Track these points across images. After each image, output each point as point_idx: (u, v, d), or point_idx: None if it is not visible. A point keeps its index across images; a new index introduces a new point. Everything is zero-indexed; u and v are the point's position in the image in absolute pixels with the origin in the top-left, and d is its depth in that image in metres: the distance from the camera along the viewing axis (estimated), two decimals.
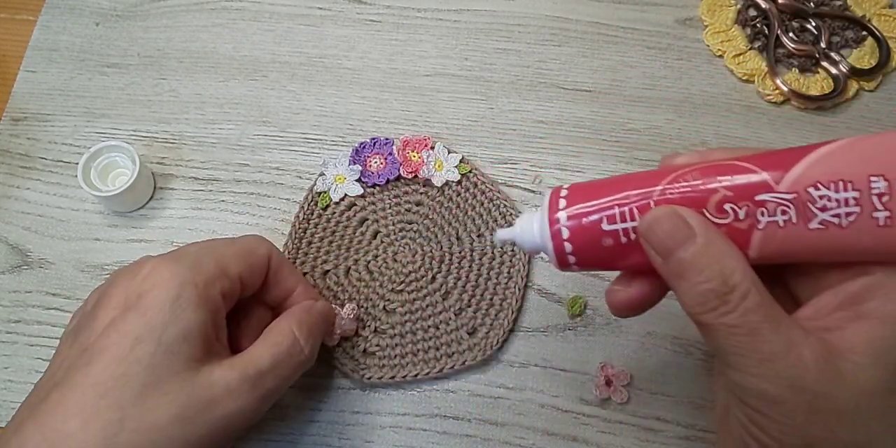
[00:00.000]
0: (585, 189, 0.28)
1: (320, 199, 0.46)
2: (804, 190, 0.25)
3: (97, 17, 0.52)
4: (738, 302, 0.25)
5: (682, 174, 0.27)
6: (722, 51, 0.50)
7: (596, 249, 0.28)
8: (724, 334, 0.25)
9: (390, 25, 0.51)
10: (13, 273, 0.45)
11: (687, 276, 0.26)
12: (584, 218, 0.28)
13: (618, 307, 0.30)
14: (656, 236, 0.26)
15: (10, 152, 0.48)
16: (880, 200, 0.24)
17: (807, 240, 0.25)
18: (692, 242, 0.25)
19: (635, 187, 0.27)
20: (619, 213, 0.27)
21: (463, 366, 0.41)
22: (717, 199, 0.26)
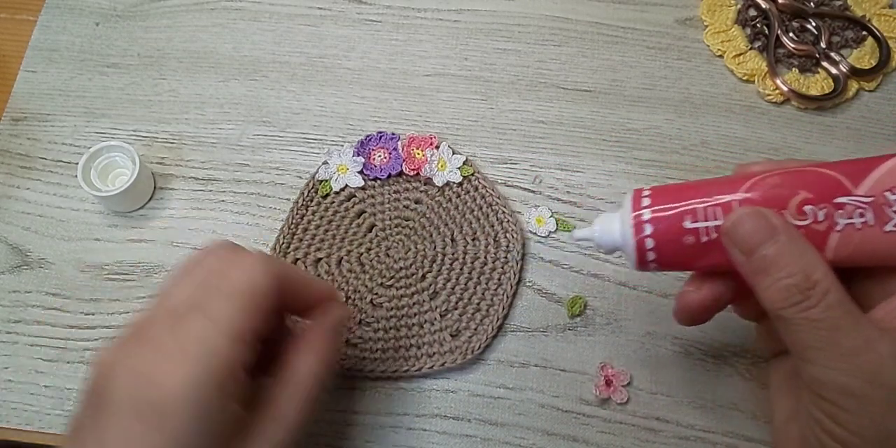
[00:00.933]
0: (666, 190, 0.30)
1: (321, 187, 0.46)
2: (881, 193, 0.26)
3: (97, 17, 0.52)
4: (820, 297, 0.26)
5: (764, 178, 0.28)
6: (722, 51, 0.50)
7: (677, 247, 0.29)
8: (805, 329, 0.26)
9: (390, 25, 0.51)
10: (13, 273, 0.45)
11: (770, 271, 0.27)
12: (668, 215, 0.29)
13: (689, 309, 0.31)
14: (741, 234, 0.27)
15: (10, 152, 0.48)
16: None
17: (882, 242, 0.27)
18: (775, 239, 0.27)
19: (717, 189, 0.29)
20: (703, 211, 0.29)
21: (443, 367, 0.41)
22: (797, 201, 0.28)
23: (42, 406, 0.42)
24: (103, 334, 0.43)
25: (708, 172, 0.47)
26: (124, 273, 0.45)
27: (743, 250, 0.28)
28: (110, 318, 0.44)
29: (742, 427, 0.41)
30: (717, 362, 0.42)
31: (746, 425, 0.41)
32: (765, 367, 0.42)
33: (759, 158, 0.47)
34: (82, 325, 0.43)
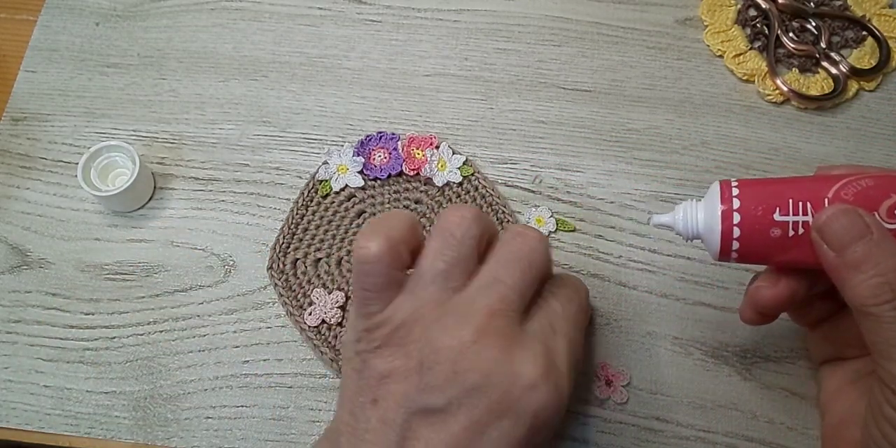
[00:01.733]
0: (755, 183, 0.31)
1: (321, 187, 0.46)
2: None
3: (97, 17, 0.52)
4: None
5: (857, 179, 0.29)
6: (722, 51, 0.50)
7: (763, 239, 0.30)
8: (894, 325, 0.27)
9: (390, 25, 0.51)
10: (13, 273, 0.45)
11: (862, 268, 0.28)
12: (758, 206, 0.30)
13: (762, 305, 0.32)
14: (833, 230, 0.28)
15: (10, 152, 0.48)
16: None
17: None
18: (869, 238, 0.28)
19: (808, 186, 0.30)
20: (794, 205, 0.29)
21: None
22: (889, 203, 0.29)
23: (42, 406, 0.42)
24: (103, 334, 0.43)
25: (708, 172, 0.47)
26: (124, 273, 0.45)
27: (834, 247, 0.28)
28: (110, 318, 0.44)
29: (742, 427, 0.41)
30: (717, 362, 0.42)
31: (746, 425, 0.41)
32: (764, 367, 0.42)
33: (758, 158, 0.47)
34: (82, 325, 0.43)
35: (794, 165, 0.47)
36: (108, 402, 0.42)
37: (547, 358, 0.30)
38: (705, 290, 0.44)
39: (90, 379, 0.42)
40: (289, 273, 0.44)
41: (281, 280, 0.44)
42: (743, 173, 0.47)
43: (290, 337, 0.43)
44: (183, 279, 0.45)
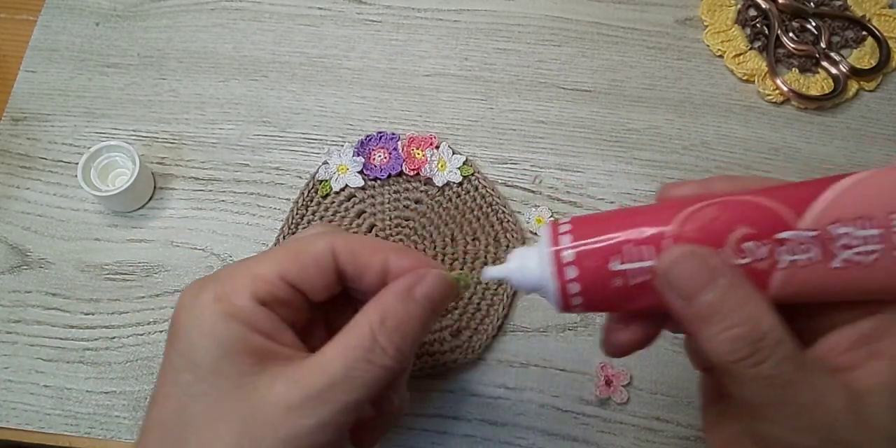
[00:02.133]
0: (589, 223, 0.27)
1: (321, 187, 0.46)
2: (825, 227, 0.24)
3: (97, 17, 0.52)
4: (770, 350, 0.23)
5: (699, 210, 0.25)
6: (722, 51, 0.50)
7: (605, 290, 0.26)
8: (756, 385, 0.24)
9: (390, 25, 0.51)
10: (13, 273, 0.45)
11: (712, 320, 0.24)
12: (593, 256, 0.26)
13: (619, 347, 0.29)
14: (677, 278, 0.25)
15: (10, 152, 0.48)
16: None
17: (829, 279, 0.24)
18: (716, 284, 0.24)
19: (646, 223, 0.26)
20: (633, 251, 0.25)
21: (443, 367, 0.42)
22: (736, 237, 0.25)
23: (42, 406, 0.42)
24: (103, 334, 0.43)
25: (708, 172, 0.47)
26: (124, 273, 0.45)
27: (681, 295, 0.25)
28: (110, 318, 0.44)
29: None
30: None
31: None
32: None
33: (758, 158, 0.47)
34: (82, 325, 0.43)
35: (794, 165, 0.47)
36: (108, 402, 0.42)
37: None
38: None
39: (90, 379, 0.42)
40: None
41: None
42: (743, 173, 0.47)
43: None
44: (183, 279, 0.45)
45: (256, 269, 0.29)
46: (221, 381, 0.27)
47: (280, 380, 0.27)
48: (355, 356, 0.27)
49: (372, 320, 0.28)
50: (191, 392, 0.27)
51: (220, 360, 0.27)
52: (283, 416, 0.26)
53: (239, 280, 0.29)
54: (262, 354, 0.28)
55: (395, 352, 0.28)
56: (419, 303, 0.29)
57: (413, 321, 0.29)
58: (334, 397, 0.27)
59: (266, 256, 0.30)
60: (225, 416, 0.27)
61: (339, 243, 0.30)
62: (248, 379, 0.27)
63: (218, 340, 0.27)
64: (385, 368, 0.28)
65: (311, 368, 0.27)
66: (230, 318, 0.28)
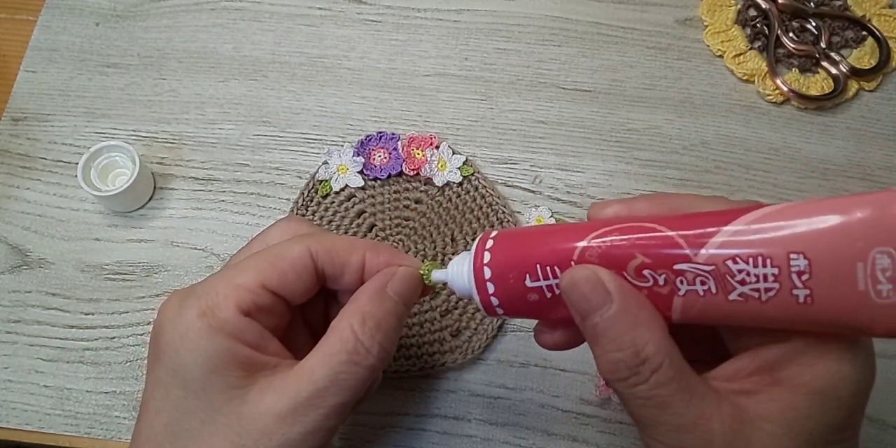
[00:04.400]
0: (511, 240, 0.28)
1: (321, 187, 0.46)
2: (723, 263, 0.24)
3: (97, 17, 0.52)
4: (648, 375, 0.25)
5: (605, 232, 0.26)
6: (722, 51, 0.50)
7: (522, 303, 0.28)
8: (634, 404, 0.25)
9: (390, 25, 0.51)
10: (13, 273, 0.45)
11: (600, 342, 0.25)
12: (508, 274, 0.27)
13: (548, 346, 0.31)
14: (575, 297, 0.26)
15: (10, 152, 0.48)
16: (800, 279, 0.23)
17: (727, 310, 0.25)
18: (607, 308, 0.25)
19: (560, 241, 0.27)
20: (542, 270, 0.27)
21: (443, 367, 0.42)
22: (635, 264, 0.25)
23: (42, 406, 0.42)
24: (103, 334, 0.43)
25: (708, 172, 0.47)
26: (124, 273, 0.45)
27: (577, 314, 0.26)
28: (110, 318, 0.44)
29: None
30: None
31: None
32: None
33: (758, 158, 0.47)
34: (82, 325, 0.43)
35: (794, 165, 0.47)
36: (108, 402, 0.42)
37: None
38: None
39: (90, 379, 0.42)
40: None
41: None
42: (743, 173, 0.47)
43: None
44: (183, 279, 0.45)
45: (237, 279, 0.29)
46: (212, 396, 0.28)
47: (268, 390, 0.28)
48: (340, 360, 0.28)
49: (352, 323, 0.29)
50: (182, 407, 0.28)
51: (210, 375, 0.28)
52: (274, 425, 0.27)
53: (221, 292, 0.29)
54: (249, 366, 0.28)
55: (378, 350, 0.29)
56: (393, 300, 0.30)
57: (391, 318, 0.30)
58: (323, 402, 0.28)
59: (245, 265, 0.30)
60: (218, 429, 0.28)
61: (315, 246, 0.31)
62: (238, 392, 0.28)
63: (206, 356, 0.28)
64: (370, 368, 0.29)
65: (298, 376, 0.28)
66: (216, 332, 0.28)
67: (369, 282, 0.31)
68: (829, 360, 0.25)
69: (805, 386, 0.25)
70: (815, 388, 0.25)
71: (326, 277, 0.31)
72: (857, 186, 0.47)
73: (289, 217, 0.34)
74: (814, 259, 0.23)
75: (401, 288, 0.30)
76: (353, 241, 0.32)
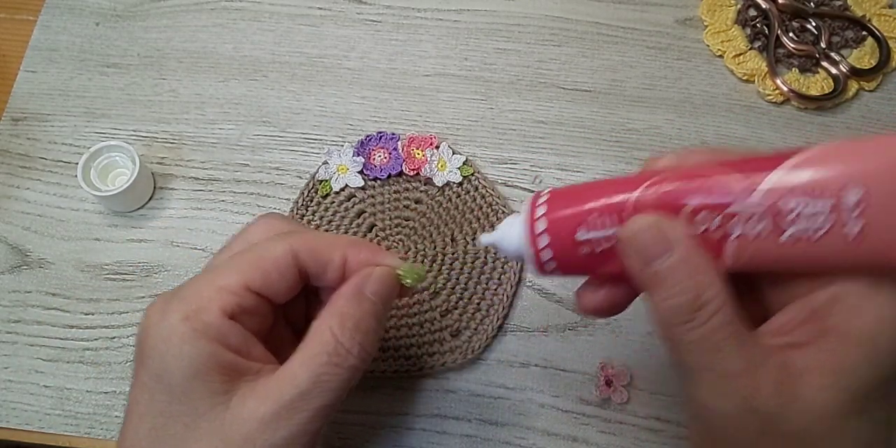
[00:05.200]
0: (566, 195, 0.28)
1: (321, 187, 0.46)
2: (775, 202, 0.24)
3: (97, 17, 0.52)
4: (706, 318, 0.25)
5: (658, 180, 0.26)
6: (722, 51, 0.50)
7: (575, 257, 0.28)
8: (687, 349, 0.26)
9: (390, 25, 0.51)
10: (13, 273, 0.45)
11: (660, 288, 0.26)
12: (563, 225, 0.27)
13: (587, 310, 0.30)
14: (635, 246, 0.26)
15: (10, 152, 0.48)
16: (851, 214, 0.23)
17: (778, 252, 0.25)
18: (669, 254, 0.25)
19: (614, 192, 0.27)
20: (599, 221, 0.27)
21: (443, 367, 0.42)
22: (690, 208, 0.26)
23: (42, 406, 0.42)
24: (103, 334, 0.43)
25: None
26: (124, 273, 0.45)
27: (639, 262, 0.26)
28: (110, 318, 0.44)
29: None
30: None
31: None
32: None
33: None
34: (82, 325, 0.43)
35: None
36: (108, 402, 0.42)
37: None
38: None
39: (90, 379, 0.42)
40: None
41: None
42: None
43: None
44: (183, 279, 0.44)
45: (220, 281, 0.29)
46: (196, 402, 0.28)
47: (251, 396, 0.28)
48: (321, 362, 0.28)
49: (332, 325, 0.29)
50: (167, 412, 0.28)
51: (193, 381, 0.28)
52: (257, 430, 0.27)
53: (205, 295, 0.29)
54: (232, 372, 0.28)
55: (359, 351, 0.29)
56: (371, 300, 0.30)
57: (370, 319, 0.30)
58: (307, 405, 0.28)
59: (228, 267, 0.30)
60: (202, 435, 0.28)
61: (297, 244, 0.31)
62: (221, 398, 0.28)
63: (189, 361, 0.28)
64: (352, 369, 0.29)
65: (281, 380, 0.28)
66: (200, 336, 0.28)
67: (347, 283, 0.31)
68: (878, 303, 0.25)
69: (854, 333, 0.25)
70: (865, 334, 0.24)
71: (309, 275, 0.31)
72: None
73: (269, 214, 0.34)
74: (869, 189, 0.23)
75: (378, 288, 0.31)
76: (334, 238, 0.32)
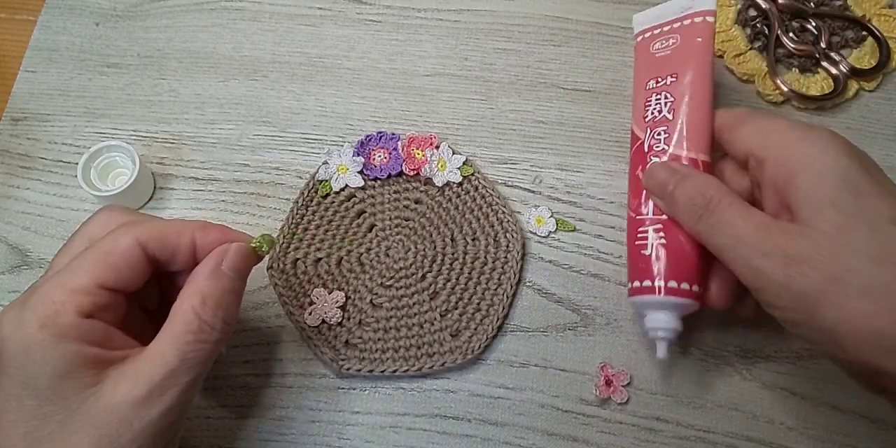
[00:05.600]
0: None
1: (321, 187, 0.46)
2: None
3: (97, 17, 0.52)
4: (715, 205, 0.33)
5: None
6: (722, 51, 0.50)
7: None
8: (711, 233, 0.33)
9: (390, 25, 0.51)
10: (13, 273, 0.45)
11: (678, 201, 0.35)
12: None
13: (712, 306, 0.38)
14: (653, 182, 0.37)
15: (10, 152, 0.48)
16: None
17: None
18: (679, 178, 0.36)
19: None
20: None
21: (442, 367, 0.42)
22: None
23: None
24: None
25: None
26: None
27: (658, 193, 0.37)
28: None
29: (742, 427, 0.41)
30: (717, 362, 0.42)
31: (746, 425, 0.41)
32: (764, 367, 0.42)
33: None
34: None
35: None
36: None
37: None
38: None
39: None
40: (289, 273, 0.44)
41: (281, 280, 0.44)
42: None
43: (290, 337, 0.43)
44: None
45: (72, 284, 0.30)
46: (68, 399, 0.29)
47: (122, 380, 0.30)
48: (186, 340, 0.30)
49: (193, 304, 0.31)
50: (39, 415, 0.29)
51: (61, 380, 0.29)
52: (133, 411, 0.29)
53: (59, 299, 0.30)
54: (99, 363, 0.30)
55: (222, 326, 0.31)
56: (229, 276, 0.32)
57: (229, 295, 0.32)
58: (177, 380, 0.30)
59: (77, 267, 0.31)
60: (78, 428, 0.29)
61: (143, 234, 0.32)
62: (92, 390, 0.29)
63: (54, 364, 0.29)
64: (216, 343, 0.31)
65: (149, 361, 0.30)
66: (60, 339, 0.29)
67: (204, 262, 0.32)
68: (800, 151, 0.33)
69: (791, 160, 0.33)
70: (809, 166, 0.32)
71: (159, 263, 0.33)
72: None
73: (106, 207, 0.35)
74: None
75: (235, 264, 0.32)
76: (181, 223, 0.33)
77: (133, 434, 0.29)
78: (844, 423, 0.41)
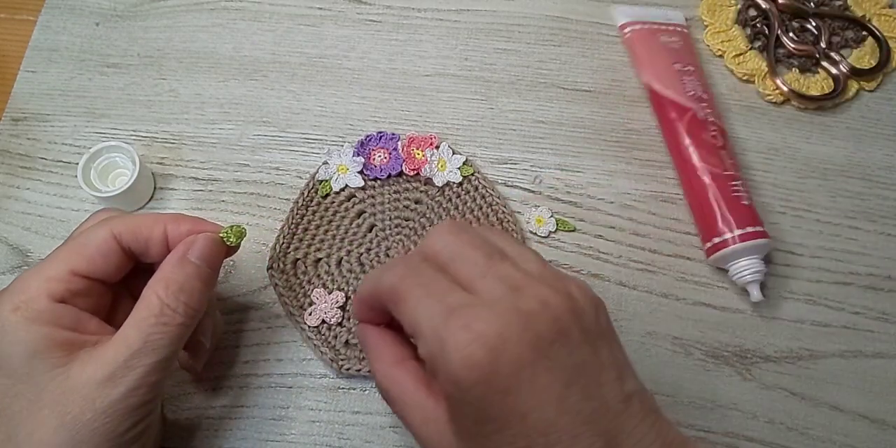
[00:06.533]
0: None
1: (321, 187, 0.46)
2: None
3: (97, 17, 0.52)
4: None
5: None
6: (722, 51, 0.50)
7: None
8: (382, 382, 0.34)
9: (390, 25, 0.51)
10: (13, 273, 0.45)
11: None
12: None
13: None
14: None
15: (10, 152, 0.48)
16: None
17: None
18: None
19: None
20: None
21: None
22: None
23: None
24: None
25: None
26: None
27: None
28: None
29: (742, 427, 0.41)
30: (717, 362, 0.42)
31: (746, 425, 0.41)
32: (764, 367, 0.42)
33: (758, 158, 0.48)
34: None
35: (794, 165, 0.48)
36: None
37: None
38: (705, 290, 0.44)
39: None
40: (289, 273, 0.44)
41: (281, 280, 0.44)
42: (743, 173, 0.47)
43: (290, 337, 0.43)
44: None
45: (47, 271, 0.32)
46: (37, 379, 0.31)
47: (89, 362, 0.31)
48: (149, 323, 0.32)
49: (157, 289, 0.33)
50: (10, 393, 0.31)
51: (32, 360, 0.31)
52: (96, 390, 0.31)
53: (33, 285, 0.32)
54: (69, 346, 0.31)
55: (185, 309, 0.33)
56: (194, 264, 0.34)
57: (193, 280, 0.33)
58: (140, 362, 0.31)
59: (54, 257, 0.33)
60: (45, 406, 0.30)
61: (118, 227, 0.34)
62: (61, 370, 0.31)
63: (25, 345, 0.31)
64: (180, 326, 0.33)
65: (114, 344, 0.32)
66: (32, 322, 0.31)
67: (172, 252, 0.34)
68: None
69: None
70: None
71: (136, 253, 0.35)
72: (856, 186, 0.47)
73: (100, 210, 0.37)
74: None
75: (201, 252, 0.34)
76: (154, 216, 0.35)
77: (94, 413, 0.30)
78: (844, 423, 0.41)
